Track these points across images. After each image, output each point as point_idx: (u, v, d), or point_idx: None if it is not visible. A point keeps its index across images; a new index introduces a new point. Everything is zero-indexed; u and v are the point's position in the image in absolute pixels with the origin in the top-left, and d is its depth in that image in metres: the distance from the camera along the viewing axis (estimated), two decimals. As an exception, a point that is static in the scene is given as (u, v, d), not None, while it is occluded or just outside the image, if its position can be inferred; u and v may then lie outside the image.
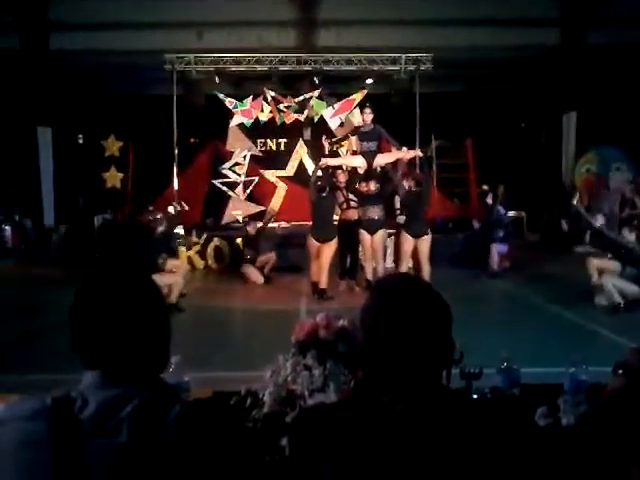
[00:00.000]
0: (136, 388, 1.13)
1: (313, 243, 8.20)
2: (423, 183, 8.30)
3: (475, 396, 2.31)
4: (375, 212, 8.50)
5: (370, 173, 8.84)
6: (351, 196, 8.89)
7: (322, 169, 8.59)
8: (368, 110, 8.99)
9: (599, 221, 8.56)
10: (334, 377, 2.04)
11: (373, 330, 1.23)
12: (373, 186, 8.55)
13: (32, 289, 9.27)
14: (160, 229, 8.14)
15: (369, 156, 8.71)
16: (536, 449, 1.19)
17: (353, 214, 8.84)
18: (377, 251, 8.44)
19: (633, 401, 1.64)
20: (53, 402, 1.11)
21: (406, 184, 8.35)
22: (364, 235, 8.49)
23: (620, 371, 1.84)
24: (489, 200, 10.39)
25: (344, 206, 8.84)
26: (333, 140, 11.18)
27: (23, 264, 11.66)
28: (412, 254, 8.46)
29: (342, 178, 8.85)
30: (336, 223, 8.85)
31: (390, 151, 9.16)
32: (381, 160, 8.78)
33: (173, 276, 7.70)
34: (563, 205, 12.66)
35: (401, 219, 9.10)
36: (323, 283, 8.08)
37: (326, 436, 1.18)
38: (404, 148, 8.78)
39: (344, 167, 9.04)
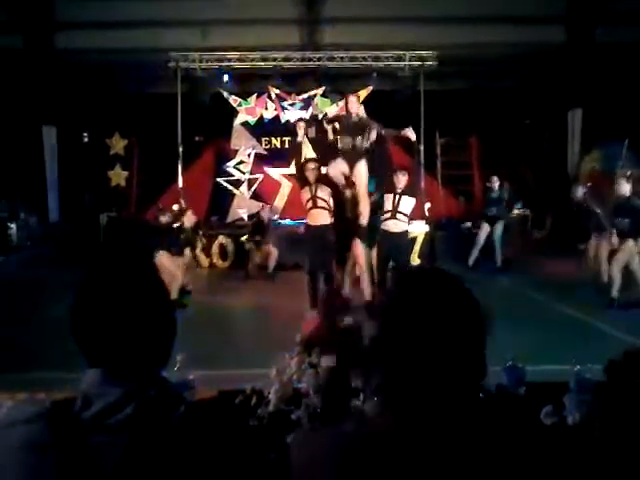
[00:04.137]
0: (139, 386, 1.11)
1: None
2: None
3: (480, 394, 2.30)
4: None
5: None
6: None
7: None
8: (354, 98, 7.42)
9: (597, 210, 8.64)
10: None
11: (392, 331, 1.05)
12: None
13: (37, 287, 9.30)
14: (164, 219, 8.13)
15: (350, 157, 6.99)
16: (541, 448, 1.19)
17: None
18: None
19: (626, 398, 1.63)
20: (52, 404, 1.10)
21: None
22: None
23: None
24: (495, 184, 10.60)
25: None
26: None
27: (28, 262, 11.69)
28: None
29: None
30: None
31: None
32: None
33: (171, 271, 7.67)
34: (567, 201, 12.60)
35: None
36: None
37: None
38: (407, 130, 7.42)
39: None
